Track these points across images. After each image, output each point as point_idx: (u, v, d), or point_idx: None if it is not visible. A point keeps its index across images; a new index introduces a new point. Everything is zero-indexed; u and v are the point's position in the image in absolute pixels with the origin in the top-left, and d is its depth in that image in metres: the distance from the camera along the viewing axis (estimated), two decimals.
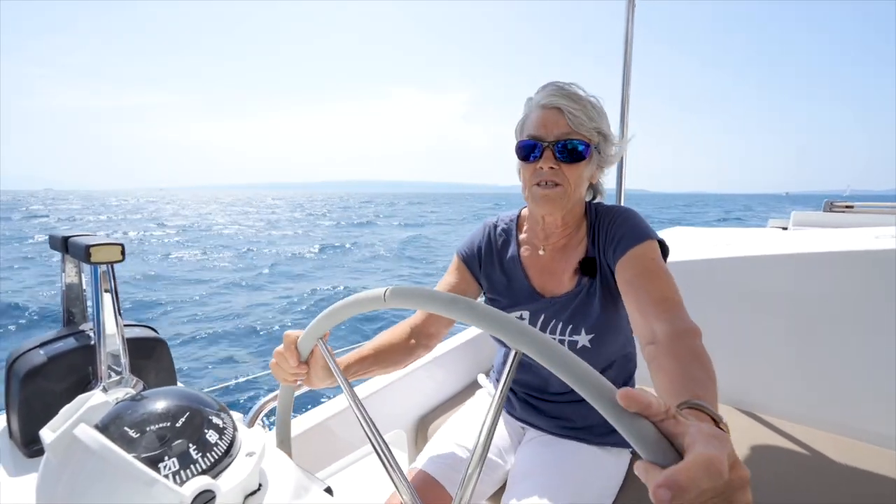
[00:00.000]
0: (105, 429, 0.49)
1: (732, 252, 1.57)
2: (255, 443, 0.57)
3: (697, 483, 0.35)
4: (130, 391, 0.78)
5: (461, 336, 1.78)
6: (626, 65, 1.80)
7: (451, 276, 1.12)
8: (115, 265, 0.79)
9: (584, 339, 0.98)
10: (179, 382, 0.93)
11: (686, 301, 0.80)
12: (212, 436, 0.53)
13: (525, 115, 0.99)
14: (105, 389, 0.78)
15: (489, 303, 1.12)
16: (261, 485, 0.59)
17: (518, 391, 1.14)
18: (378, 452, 0.63)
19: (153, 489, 0.44)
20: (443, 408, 1.56)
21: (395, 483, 0.62)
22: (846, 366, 1.37)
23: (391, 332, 0.99)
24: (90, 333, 0.83)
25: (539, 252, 1.05)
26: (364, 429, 0.64)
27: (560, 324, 1.00)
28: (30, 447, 0.74)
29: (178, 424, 0.52)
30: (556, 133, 0.92)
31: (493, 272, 1.09)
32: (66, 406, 0.53)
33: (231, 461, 0.54)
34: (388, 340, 0.96)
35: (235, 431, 0.57)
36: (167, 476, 0.47)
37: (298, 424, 1.23)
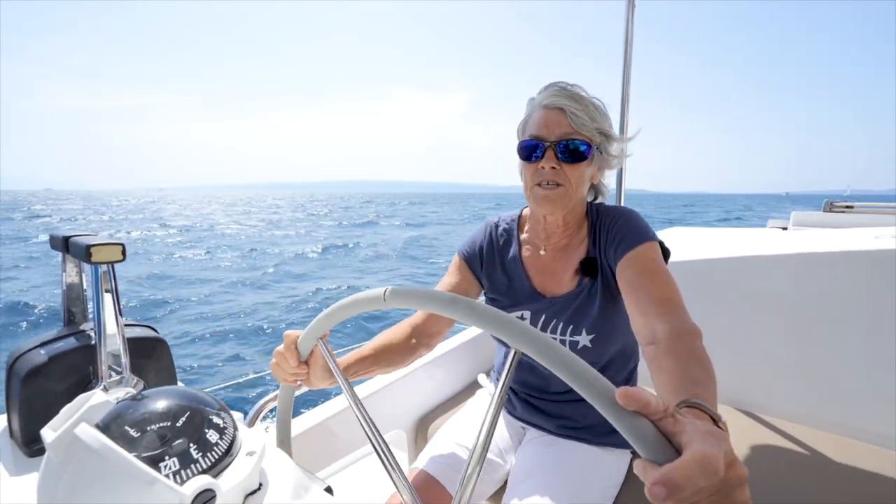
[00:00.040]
0: (106, 428, 0.50)
1: (732, 252, 1.57)
2: (256, 442, 0.58)
3: (692, 481, 0.35)
4: (131, 391, 0.78)
5: (461, 336, 1.78)
6: (626, 65, 1.80)
7: (453, 276, 1.12)
8: (117, 265, 0.79)
9: (585, 340, 0.98)
10: (181, 382, 0.93)
11: (686, 301, 0.80)
12: (212, 435, 0.53)
13: (527, 115, 0.99)
14: (106, 389, 0.78)
15: (490, 303, 1.12)
16: (261, 484, 0.59)
17: (519, 391, 1.14)
18: (378, 452, 0.63)
19: (154, 488, 0.44)
20: (443, 408, 1.56)
21: (396, 483, 0.62)
22: (846, 366, 1.37)
23: (392, 332, 0.99)
24: (91, 333, 0.83)
25: (540, 252, 1.05)
26: (364, 429, 0.64)
27: (561, 324, 1.00)
28: (30, 446, 0.74)
29: (179, 424, 0.52)
30: (558, 133, 0.92)
31: (495, 272, 1.09)
32: (67, 405, 0.53)
33: (231, 461, 0.54)
34: (389, 340, 0.96)
35: (236, 431, 0.57)
36: (168, 475, 0.47)
37: (298, 424, 1.23)
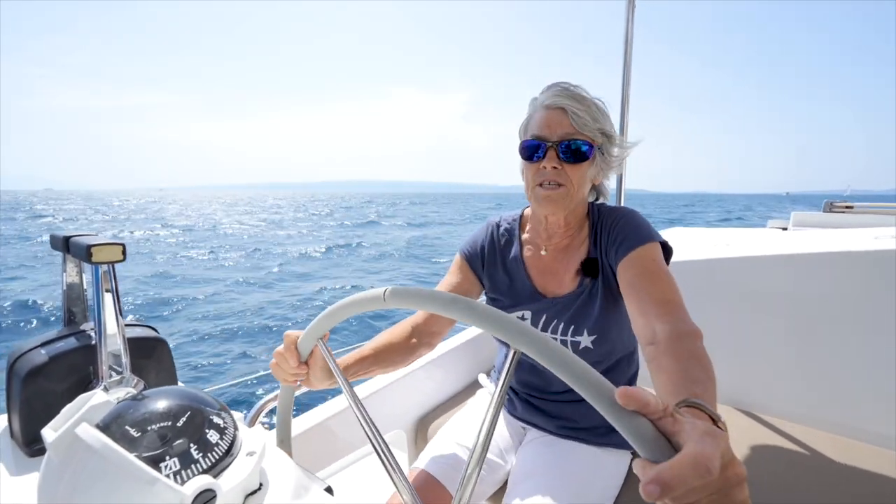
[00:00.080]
0: (106, 428, 0.50)
1: (732, 252, 1.57)
2: (256, 442, 0.58)
3: (684, 480, 0.36)
4: (131, 391, 0.78)
5: (462, 336, 1.78)
6: (626, 65, 1.80)
7: (454, 276, 1.12)
8: (118, 265, 0.79)
9: (587, 340, 0.98)
10: (190, 380, 0.93)
11: (686, 301, 0.80)
12: (213, 435, 0.53)
13: (529, 116, 0.99)
14: (106, 389, 0.78)
15: (490, 302, 1.12)
16: (261, 484, 0.59)
17: (520, 391, 1.15)
18: (378, 452, 0.63)
19: (154, 488, 0.44)
20: (443, 408, 1.56)
21: (396, 483, 0.62)
22: (846, 366, 1.37)
23: (392, 332, 0.99)
24: (91, 333, 0.83)
25: (541, 252, 1.05)
26: (364, 429, 0.64)
27: (562, 324, 1.00)
28: (31, 446, 0.74)
29: (180, 424, 0.52)
30: (560, 133, 0.92)
31: (496, 272, 1.09)
32: (68, 405, 0.53)
33: (232, 461, 0.54)
34: (389, 340, 0.96)
35: (236, 431, 0.57)
36: (168, 475, 0.47)
37: (299, 424, 1.23)
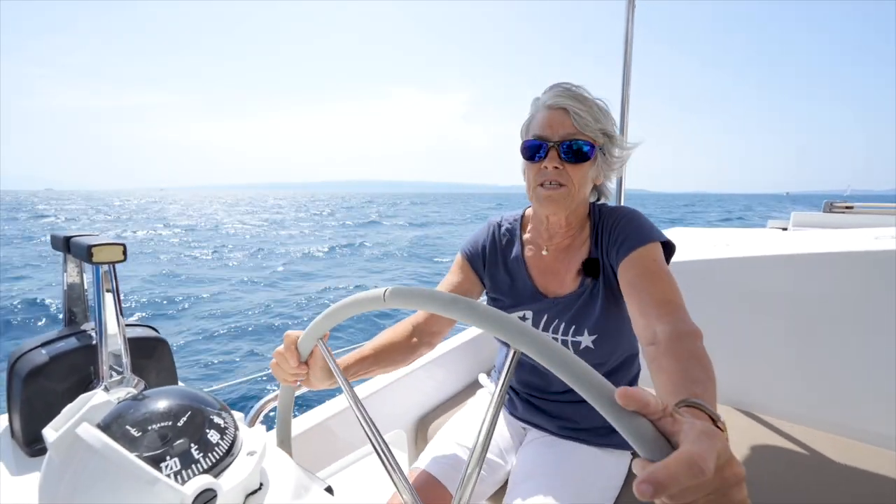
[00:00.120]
0: (107, 428, 0.50)
1: (732, 252, 1.58)
2: (256, 442, 0.58)
3: (677, 480, 0.36)
4: (132, 391, 0.79)
5: (462, 336, 1.78)
6: (626, 65, 1.80)
7: (455, 275, 1.12)
8: (119, 265, 0.79)
9: (587, 340, 0.98)
10: (199, 378, 0.93)
11: (686, 301, 0.80)
12: (213, 435, 0.53)
13: (531, 116, 0.99)
14: (107, 389, 0.78)
15: (491, 302, 1.12)
16: (262, 484, 0.59)
17: (520, 391, 1.15)
18: (378, 452, 0.63)
19: (155, 488, 0.45)
20: (443, 408, 1.56)
21: (396, 483, 0.62)
22: (846, 366, 1.37)
23: (392, 331, 0.99)
24: (92, 333, 0.83)
25: (542, 252, 1.05)
26: (364, 429, 0.64)
27: (563, 324, 1.00)
28: (32, 446, 0.75)
29: (180, 424, 0.52)
30: (562, 133, 0.92)
31: (497, 271, 1.10)
32: (69, 405, 0.53)
33: (232, 460, 0.54)
34: (390, 339, 0.96)
35: (237, 431, 0.57)
36: (169, 475, 0.47)
37: (299, 424, 1.23)
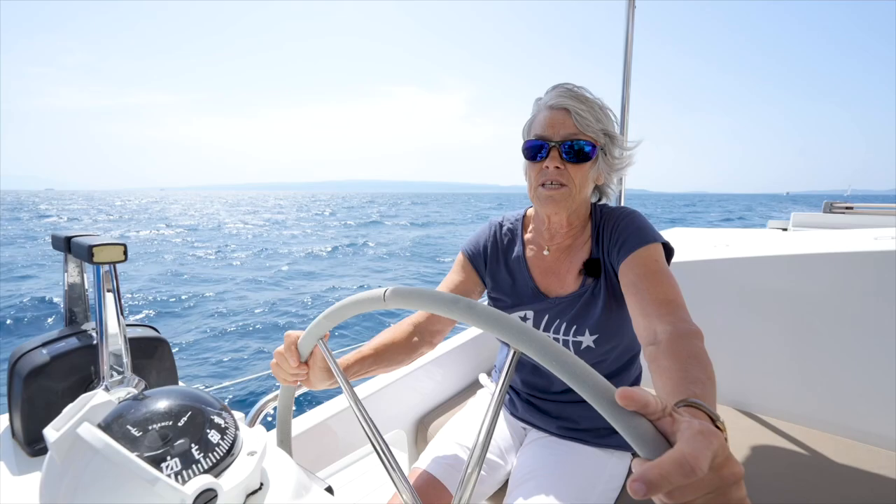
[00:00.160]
0: (108, 428, 0.50)
1: (732, 253, 1.58)
2: (257, 442, 0.58)
3: (668, 479, 0.36)
4: (132, 391, 0.79)
5: (462, 336, 1.78)
6: (627, 65, 1.80)
7: (456, 274, 1.12)
8: (119, 264, 0.79)
9: (588, 340, 0.98)
10: (202, 376, 0.93)
11: (686, 301, 0.80)
12: (214, 435, 0.53)
13: (533, 116, 0.99)
14: (107, 389, 0.78)
15: (492, 302, 1.12)
16: (262, 484, 0.59)
17: (521, 391, 1.15)
18: (378, 452, 0.63)
19: (156, 488, 0.45)
20: (443, 408, 1.56)
21: (396, 483, 0.62)
22: (845, 367, 1.37)
23: (393, 331, 0.99)
24: (92, 333, 0.84)
25: (544, 252, 1.06)
26: (364, 429, 0.65)
27: (564, 324, 1.00)
28: (32, 446, 0.75)
29: (181, 424, 0.52)
30: (563, 133, 0.92)
31: (498, 271, 1.10)
32: (70, 405, 0.53)
33: (233, 460, 0.54)
34: (390, 339, 0.96)
35: (237, 431, 0.57)
36: (170, 475, 0.47)
37: (299, 424, 1.23)
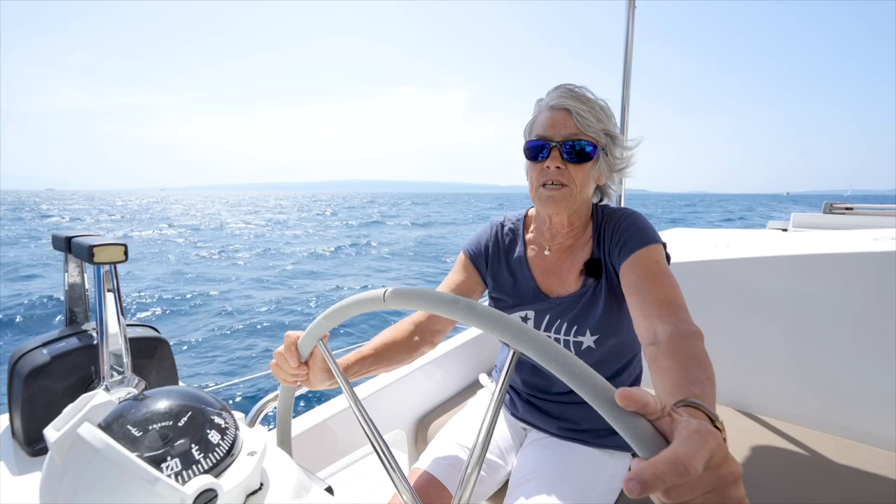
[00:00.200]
0: (108, 428, 0.50)
1: (732, 253, 1.58)
2: (257, 442, 0.58)
3: (662, 478, 0.36)
4: (133, 391, 0.79)
5: (462, 336, 1.78)
6: (627, 65, 1.80)
7: (457, 274, 1.12)
8: (120, 265, 0.79)
9: (589, 340, 0.98)
10: (210, 373, 0.93)
11: (686, 302, 0.80)
12: (214, 435, 0.53)
13: (534, 116, 1.00)
14: (107, 389, 0.78)
15: (493, 302, 1.12)
16: (262, 484, 0.59)
17: (521, 391, 1.15)
18: (378, 452, 0.63)
19: (156, 488, 0.45)
20: (443, 408, 1.56)
21: (396, 483, 0.62)
22: (845, 367, 1.37)
23: (393, 330, 0.99)
24: (93, 333, 0.84)
25: (545, 252, 1.06)
26: (364, 429, 0.65)
27: (565, 324, 1.00)
28: (33, 446, 0.75)
29: (181, 424, 0.52)
30: (564, 133, 0.93)
31: (500, 271, 1.10)
32: (70, 405, 0.53)
33: (233, 460, 0.54)
34: (391, 338, 0.96)
35: (237, 431, 0.57)
36: (170, 475, 0.47)
37: (299, 424, 1.23)
